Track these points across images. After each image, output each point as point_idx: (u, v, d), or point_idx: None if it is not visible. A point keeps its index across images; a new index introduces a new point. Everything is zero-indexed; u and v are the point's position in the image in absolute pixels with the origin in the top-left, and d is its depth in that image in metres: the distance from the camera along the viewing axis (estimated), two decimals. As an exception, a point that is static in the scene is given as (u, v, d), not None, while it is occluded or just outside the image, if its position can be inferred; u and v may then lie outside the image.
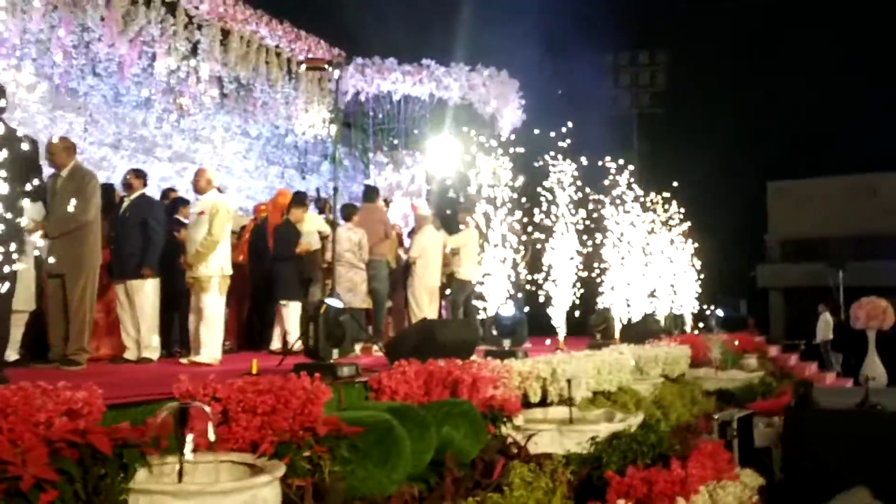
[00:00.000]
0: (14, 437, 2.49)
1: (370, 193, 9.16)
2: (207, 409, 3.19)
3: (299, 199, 8.45)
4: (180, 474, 3.07)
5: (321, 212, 9.03)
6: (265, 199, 11.68)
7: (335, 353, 4.66)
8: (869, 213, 28.07)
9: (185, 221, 8.11)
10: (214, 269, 6.82)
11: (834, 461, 5.53)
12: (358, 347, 8.01)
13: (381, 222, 8.66)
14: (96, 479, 2.66)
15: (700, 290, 13.93)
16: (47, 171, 5.95)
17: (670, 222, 12.98)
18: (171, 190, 9.36)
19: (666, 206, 12.76)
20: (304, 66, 9.51)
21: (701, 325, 14.21)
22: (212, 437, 3.16)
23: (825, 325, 17.36)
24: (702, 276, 14.46)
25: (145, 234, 6.87)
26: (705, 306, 14.39)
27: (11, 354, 6.36)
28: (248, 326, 9.04)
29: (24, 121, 9.59)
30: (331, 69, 5.80)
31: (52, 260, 5.76)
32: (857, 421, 5.66)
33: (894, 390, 7.55)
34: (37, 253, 6.16)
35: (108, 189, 7.32)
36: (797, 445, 5.75)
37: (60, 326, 5.89)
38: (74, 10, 9.35)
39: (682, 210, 13.42)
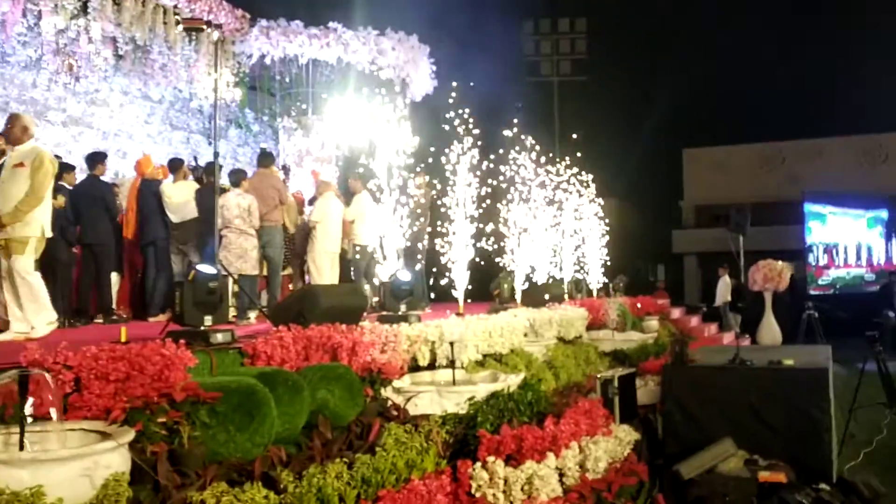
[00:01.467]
0: None
1: (265, 159, 9.02)
2: (48, 376, 3.12)
3: (174, 164, 8.31)
4: (21, 444, 3.00)
5: (199, 181, 8.88)
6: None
7: (208, 319, 4.60)
8: (777, 180, 29.20)
9: (68, 188, 7.85)
10: (34, 230, 6.03)
11: (705, 415, 5.79)
12: (253, 315, 7.96)
13: (274, 188, 8.54)
14: (-81, 450, 2.58)
15: (608, 256, 14.24)
16: None
17: (581, 187, 13.18)
18: (56, 157, 8.99)
19: (579, 171, 12.95)
20: (180, 26, 9.16)
21: (609, 289, 14.56)
22: (54, 406, 3.10)
23: (724, 288, 18.08)
24: (613, 242, 14.80)
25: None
26: (612, 271, 14.73)
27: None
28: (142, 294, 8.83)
29: None
30: (209, 30, 5.63)
31: None
32: (727, 376, 5.93)
33: (774, 348, 7.91)
34: None
35: None
36: (673, 401, 6.00)
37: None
38: (-53, -37, 8.84)
39: (599, 176, 13.68)
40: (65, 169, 8.08)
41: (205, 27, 5.96)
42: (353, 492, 3.57)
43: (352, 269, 10.27)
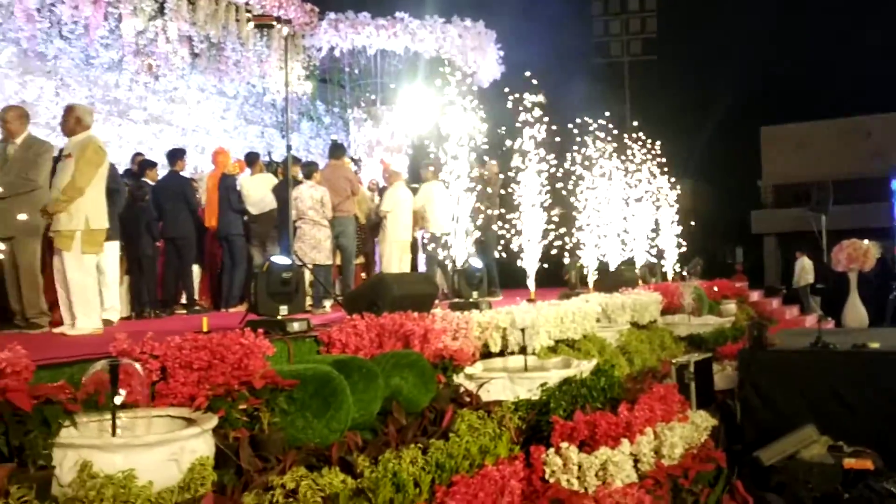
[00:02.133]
0: (-67, 397, 2.57)
1: (336, 151, 9.17)
2: (137, 365, 3.27)
3: (250, 158, 8.51)
4: (113, 429, 3.16)
5: (274, 174, 9.10)
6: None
7: (283, 309, 4.73)
8: (861, 156, 27.98)
9: (152, 184, 8.15)
10: (78, 222, 5.80)
11: (785, 401, 5.64)
12: (328, 304, 8.13)
13: (346, 179, 8.68)
14: (21, 435, 2.75)
15: (683, 239, 13.96)
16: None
17: (655, 169, 12.94)
18: (138, 154, 9.37)
19: (652, 153, 12.72)
20: (251, 24, 9.37)
21: (684, 273, 14.28)
22: (144, 393, 3.25)
23: (801, 270, 17.53)
24: (691, 224, 14.49)
25: None
26: (687, 254, 14.43)
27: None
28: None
29: (-8, 86, 9.59)
30: (280, 26, 5.76)
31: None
32: (809, 360, 5.76)
33: (859, 331, 7.63)
34: None
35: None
36: (751, 386, 5.86)
37: (17, 290, 5.95)
38: (34, -28, 9.27)
39: (673, 157, 13.42)
40: (147, 166, 8.40)
41: (275, 23, 6.05)
42: (428, 477, 3.62)
43: (423, 257, 10.38)
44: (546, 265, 8.91)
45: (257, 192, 8.66)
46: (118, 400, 3.15)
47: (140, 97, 11.64)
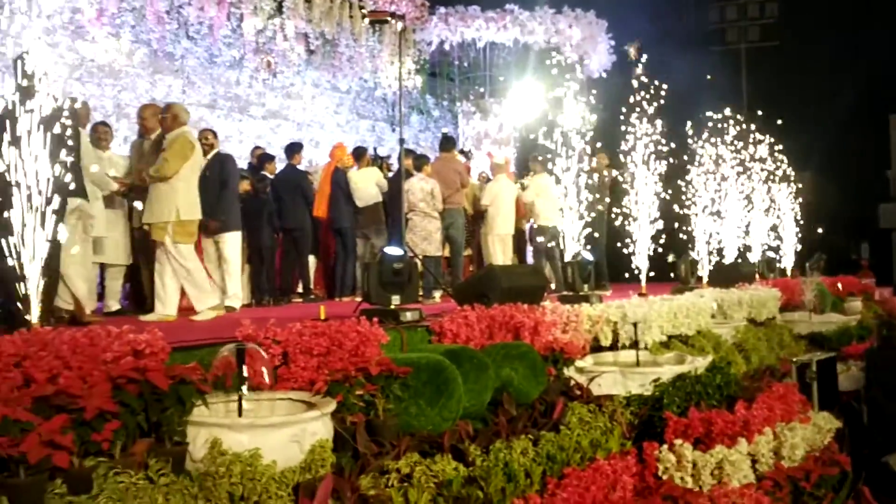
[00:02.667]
0: (83, 375, 2.78)
1: (446, 144, 9.27)
2: (262, 350, 3.43)
3: (358, 153, 8.73)
4: (239, 410, 3.33)
5: (380, 168, 9.31)
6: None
7: (396, 298, 4.84)
8: None
9: (271, 177, 8.48)
10: (168, 213, 6.05)
11: (917, 404, 5.33)
12: (437, 294, 8.24)
13: (456, 172, 8.77)
14: (158, 413, 2.94)
15: (801, 233, 13.34)
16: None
17: (774, 160, 12.42)
18: (258, 147, 9.76)
19: (771, 144, 12.21)
20: (366, 20, 9.57)
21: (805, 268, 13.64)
22: (267, 376, 3.41)
23: None
24: (809, 218, 13.84)
25: (223, 188, 7.09)
26: (809, 248, 13.78)
27: (113, 305, 6.94)
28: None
29: (125, 85, 10.21)
30: (393, 21, 5.87)
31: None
32: (944, 363, 5.41)
33: None
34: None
35: None
36: (880, 387, 5.56)
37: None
38: (165, -24, 9.79)
39: (793, 148, 12.86)
40: (266, 159, 8.75)
41: (389, 18, 6.17)
42: (539, 468, 3.63)
43: (531, 249, 10.36)
44: (657, 258, 8.72)
45: (363, 185, 8.88)
46: (244, 382, 3.32)
47: (259, 93, 12.12)
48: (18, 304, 4.05)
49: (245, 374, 3.33)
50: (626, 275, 8.78)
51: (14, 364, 2.72)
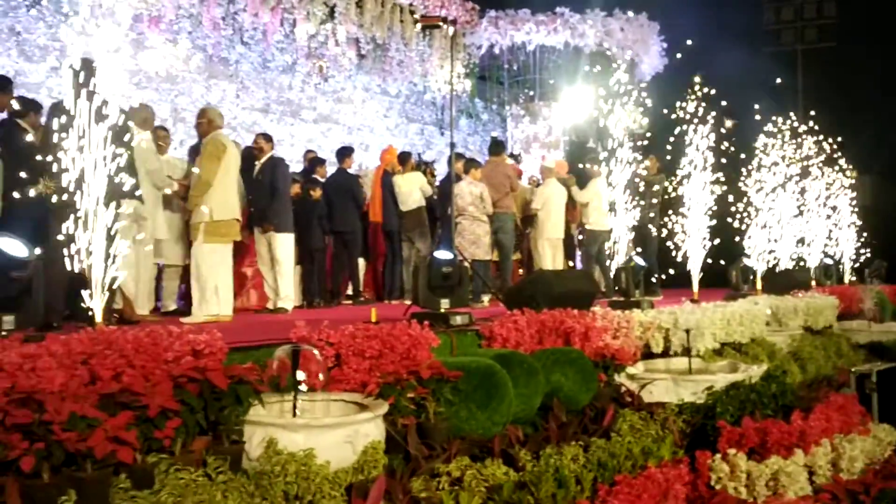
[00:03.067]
0: (146, 373, 2.86)
1: (496, 147, 9.27)
2: (316, 351, 3.48)
3: (403, 157, 8.78)
4: (294, 410, 3.39)
5: (424, 173, 9.37)
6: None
7: (445, 302, 4.85)
8: None
9: (322, 180, 8.59)
10: (202, 214, 6.20)
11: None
12: (486, 298, 8.24)
13: (506, 175, 8.75)
14: (217, 411, 3.01)
15: (864, 239, 12.98)
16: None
17: (832, 164, 12.12)
18: (310, 151, 9.88)
19: (830, 147, 11.92)
20: (418, 25, 9.61)
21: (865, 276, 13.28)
22: (321, 377, 3.45)
23: None
24: (870, 224, 13.48)
25: (274, 192, 7.22)
26: (870, 256, 13.40)
27: (169, 304, 7.10)
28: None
29: (182, 90, 10.44)
30: (445, 26, 5.90)
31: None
32: None
33: None
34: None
35: (245, 154, 7.65)
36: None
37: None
38: (221, -18, 9.98)
39: (852, 151, 12.54)
40: (317, 163, 8.86)
41: (441, 23, 6.21)
42: (590, 475, 3.62)
43: (580, 254, 10.29)
44: (710, 264, 8.59)
45: (406, 190, 8.95)
46: (300, 384, 3.37)
47: (310, 97, 12.27)
48: (85, 303, 4.18)
49: (299, 374, 3.39)
50: (676, 281, 8.65)
51: (81, 362, 2.81)
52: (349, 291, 9.01)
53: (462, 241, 8.04)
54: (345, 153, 9.10)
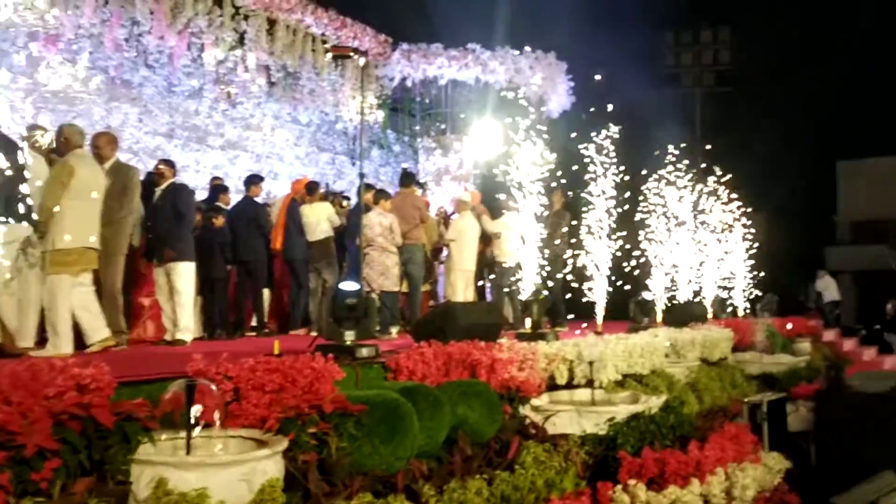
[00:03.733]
0: (24, 410, 2.67)
1: (406, 179, 9.29)
2: (213, 386, 3.34)
3: (311, 187, 8.74)
4: (188, 447, 3.24)
5: (332, 203, 9.36)
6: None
7: (350, 334, 4.78)
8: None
9: (225, 208, 8.39)
10: (47, 243, 5.67)
11: (864, 445, 5.42)
12: (395, 330, 8.18)
13: (416, 207, 8.77)
14: (101, 451, 2.84)
15: (753, 274, 13.60)
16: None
17: (726, 202, 12.67)
18: (216, 178, 9.66)
19: (727, 186, 12.48)
20: (329, 55, 9.61)
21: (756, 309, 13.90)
22: (217, 413, 3.32)
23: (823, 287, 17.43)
24: (761, 260, 14.12)
25: (178, 217, 7.00)
26: (760, 291, 14.04)
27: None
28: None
29: (81, 112, 10.04)
30: (356, 57, 5.89)
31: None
32: (889, 404, 5.53)
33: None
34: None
35: (146, 180, 7.37)
36: (827, 429, 5.66)
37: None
38: (125, 4, 9.71)
39: (746, 191, 13.16)
40: (220, 190, 8.65)
41: (352, 54, 6.19)
42: (493, 509, 3.59)
43: (488, 285, 10.38)
44: (613, 295, 8.80)
45: (314, 220, 8.87)
46: (193, 420, 3.23)
47: (218, 124, 12.01)
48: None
49: (194, 410, 3.25)
50: (582, 313, 8.81)
51: (-50, 398, 2.61)
52: (253, 322, 8.79)
53: (371, 273, 7.98)
54: (252, 181, 8.93)
